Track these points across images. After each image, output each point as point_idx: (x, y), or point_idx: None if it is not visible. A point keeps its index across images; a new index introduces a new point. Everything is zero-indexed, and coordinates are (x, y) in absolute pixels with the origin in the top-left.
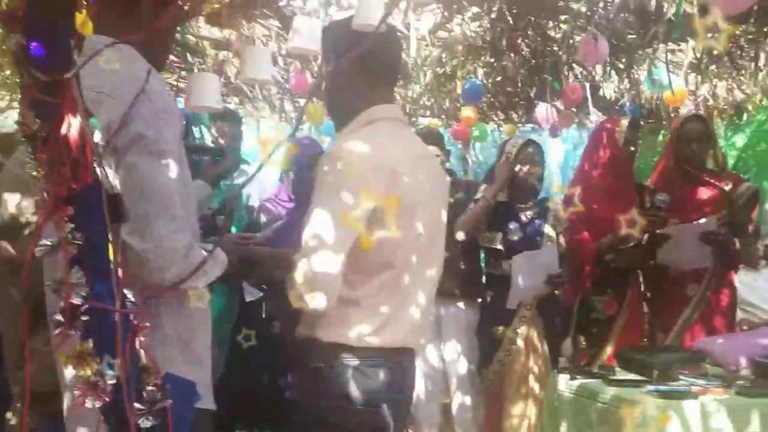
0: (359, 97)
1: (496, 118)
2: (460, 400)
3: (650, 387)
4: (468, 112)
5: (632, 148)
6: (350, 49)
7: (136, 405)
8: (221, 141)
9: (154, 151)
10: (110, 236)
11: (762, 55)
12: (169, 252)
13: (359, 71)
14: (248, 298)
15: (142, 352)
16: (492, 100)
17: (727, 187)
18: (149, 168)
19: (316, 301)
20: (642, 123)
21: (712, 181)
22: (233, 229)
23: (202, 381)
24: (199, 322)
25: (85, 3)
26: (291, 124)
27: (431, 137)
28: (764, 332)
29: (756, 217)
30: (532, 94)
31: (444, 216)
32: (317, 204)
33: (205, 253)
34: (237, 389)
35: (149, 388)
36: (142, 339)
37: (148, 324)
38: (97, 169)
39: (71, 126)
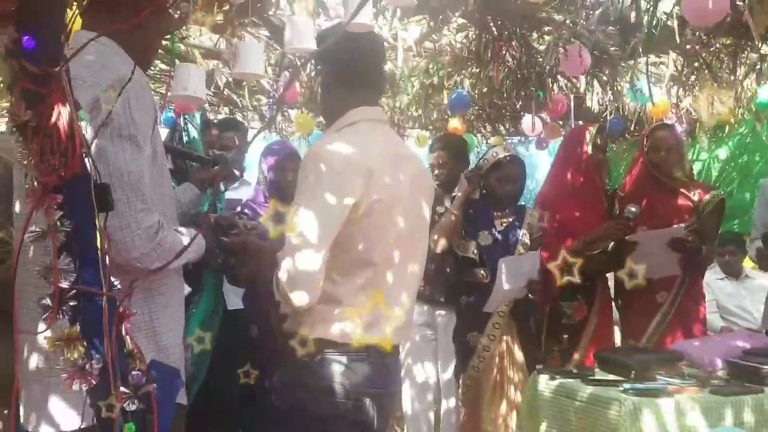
0: (342, 100)
1: (483, 130)
2: (446, 405)
3: (627, 386)
4: (455, 123)
5: (601, 155)
6: (334, 55)
7: (122, 389)
8: (217, 149)
9: (125, 135)
10: (98, 223)
11: (741, 69)
12: (134, 229)
13: (341, 75)
14: (231, 307)
15: (127, 337)
16: (479, 111)
17: (696, 196)
18: (118, 151)
19: (298, 298)
20: (627, 135)
21: (680, 189)
22: None
23: None
24: (169, 312)
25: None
26: (280, 133)
27: (437, 143)
28: (740, 335)
29: (740, 229)
30: (518, 106)
31: (427, 214)
32: (298, 203)
33: (182, 237)
34: (220, 391)
35: (134, 372)
36: (128, 325)
37: (134, 311)
38: (86, 159)
39: (61, 116)
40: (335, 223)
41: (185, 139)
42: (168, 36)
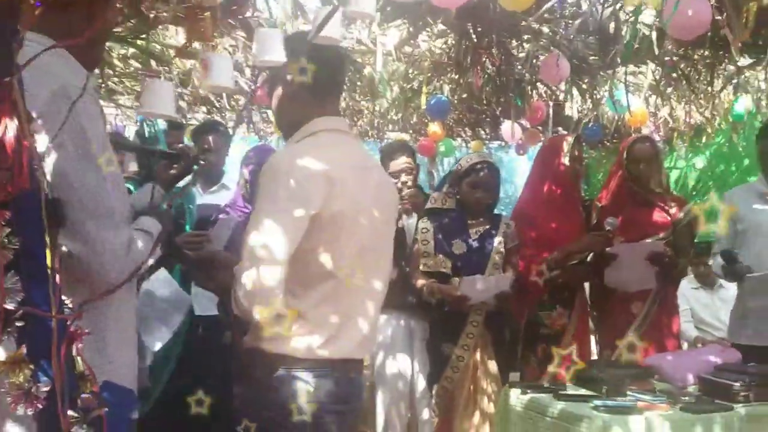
0: (302, 110)
1: (464, 135)
2: (422, 414)
3: (597, 402)
4: (435, 127)
5: (578, 165)
6: (301, 65)
7: (70, 412)
8: (198, 152)
9: (81, 151)
10: (48, 241)
11: (719, 80)
12: (109, 253)
13: (308, 86)
14: (198, 312)
15: (78, 358)
16: (460, 116)
17: (673, 209)
18: (77, 171)
19: (257, 309)
20: (606, 143)
21: (658, 202)
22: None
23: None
24: (121, 326)
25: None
26: (259, 134)
27: (401, 149)
28: (713, 350)
29: (713, 235)
30: (498, 112)
31: (392, 225)
32: (257, 214)
33: (141, 245)
34: (182, 400)
35: (84, 395)
36: (80, 345)
37: (87, 330)
38: (37, 174)
39: (9, 129)
40: (295, 235)
41: (149, 135)
42: (143, 36)
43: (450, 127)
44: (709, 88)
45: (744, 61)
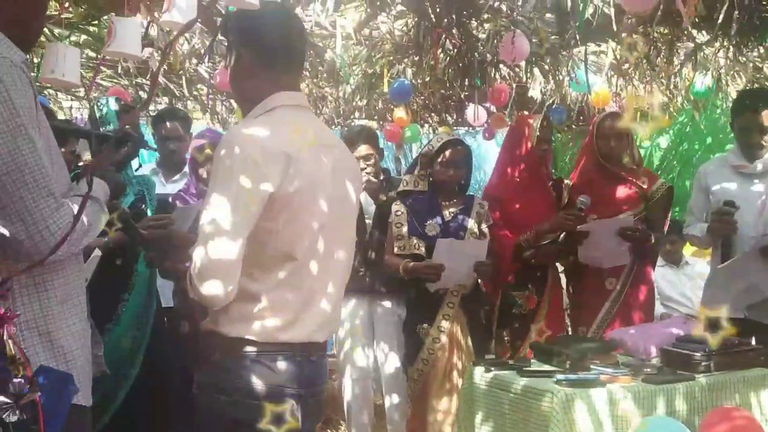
0: (259, 85)
1: (431, 121)
2: (391, 399)
3: (560, 376)
4: (400, 113)
5: (545, 146)
6: (247, 37)
7: (1, 398)
8: (157, 141)
9: (12, 127)
10: None
11: (678, 58)
12: (52, 232)
13: (258, 59)
14: (165, 304)
15: (9, 341)
16: (426, 102)
17: (644, 185)
18: (11, 148)
19: (211, 287)
20: (574, 126)
21: (629, 178)
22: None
23: (73, 375)
24: (67, 307)
25: None
26: (224, 125)
27: (360, 136)
28: (675, 322)
29: (680, 216)
30: (463, 96)
31: (354, 199)
32: (212, 189)
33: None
34: (151, 392)
35: (16, 380)
36: (12, 329)
37: (18, 312)
38: None
39: None
40: (252, 210)
41: (100, 118)
42: (95, 22)
43: (416, 112)
44: (669, 66)
45: (701, 37)
